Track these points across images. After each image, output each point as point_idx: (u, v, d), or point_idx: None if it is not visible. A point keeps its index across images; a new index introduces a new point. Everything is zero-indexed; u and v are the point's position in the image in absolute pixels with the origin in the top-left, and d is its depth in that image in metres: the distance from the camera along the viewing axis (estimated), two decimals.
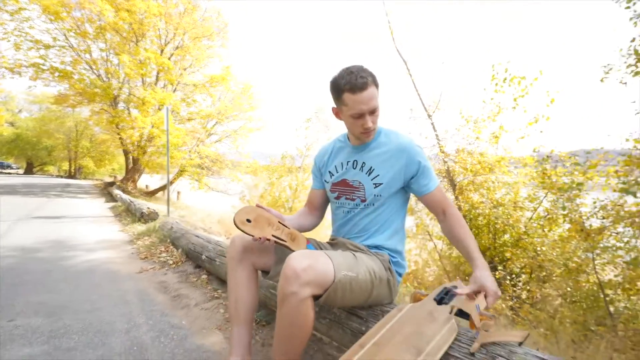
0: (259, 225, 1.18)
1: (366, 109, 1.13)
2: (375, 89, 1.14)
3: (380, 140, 1.26)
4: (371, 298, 1.13)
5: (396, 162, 1.20)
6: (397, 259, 1.23)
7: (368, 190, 1.23)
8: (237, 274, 1.23)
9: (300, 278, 0.91)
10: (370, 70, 1.15)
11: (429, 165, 1.20)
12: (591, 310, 3.80)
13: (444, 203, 1.20)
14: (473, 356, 0.87)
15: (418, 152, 1.20)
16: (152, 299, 2.03)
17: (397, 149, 1.21)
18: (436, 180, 1.20)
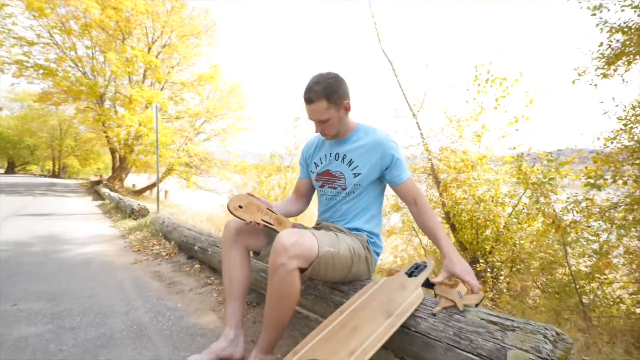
0: (250, 211, 1.33)
1: (314, 119, 1.33)
2: (323, 102, 1.27)
3: (360, 136, 1.41)
4: (351, 273, 1.28)
5: (373, 155, 1.35)
6: (374, 239, 1.39)
7: (348, 179, 1.39)
8: (231, 254, 1.36)
9: (289, 251, 1.05)
10: (328, 81, 1.28)
11: (401, 159, 1.34)
12: (565, 299, 4.05)
13: (415, 193, 1.33)
14: (434, 316, 1.03)
15: (392, 147, 1.35)
16: (147, 286, 2.14)
17: (374, 144, 1.36)
18: (408, 173, 1.34)
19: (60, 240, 3.47)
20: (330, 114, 1.31)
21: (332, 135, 1.40)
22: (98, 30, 11.29)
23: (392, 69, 7.76)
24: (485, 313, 0.95)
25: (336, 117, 1.33)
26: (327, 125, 1.33)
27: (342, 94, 1.31)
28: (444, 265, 1.15)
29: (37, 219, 4.87)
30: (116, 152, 14.26)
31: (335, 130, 1.37)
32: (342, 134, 1.42)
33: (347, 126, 1.41)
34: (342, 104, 1.32)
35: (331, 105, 1.29)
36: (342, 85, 1.32)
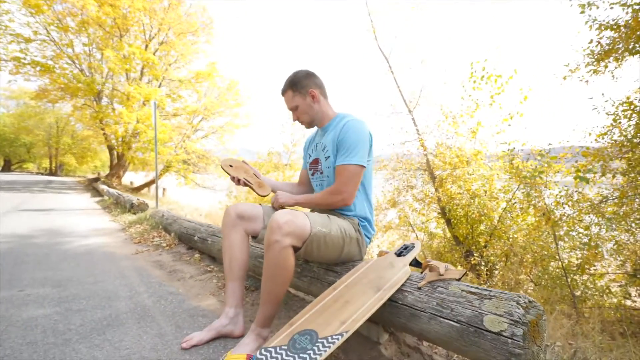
0: (237, 171, 1.59)
1: (288, 109, 1.55)
2: (289, 92, 1.51)
3: (335, 123, 1.52)
4: (343, 254, 1.36)
5: (333, 138, 1.46)
6: (364, 223, 1.47)
7: (323, 163, 1.51)
8: (231, 237, 1.44)
9: (282, 229, 1.13)
10: (295, 75, 1.51)
11: (354, 143, 1.35)
12: (557, 292, 4.15)
13: (337, 182, 1.38)
14: (420, 290, 1.11)
15: (349, 128, 1.40)
16: (149, 274, 2.22)
17: (338, 127, 1.46)
18: (353, 159, 1.34)
19: (62, 233, 3.53)
20: (297, 102, 1.50)
21: (308, 123, 1.56)
22: (95, 27, 11.28)
23: (389, 65, 7.85)
24: (465, 285, 1.03)
25: (303, 104, 1.50)
26: (298, 112, 1.52)
27: (307, 84, 1.50)
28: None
29: (38, 213, 4.93)
30: (114, 149, 14.28)
31: (307, 117, 1.54)
32: (319, 122, 1.57)
33: (323, 114, 1.55)
34: (307, 92, 1.49)
35: (295, 93, 1.50)
36: (308, 77, 1.51)
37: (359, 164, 1.35)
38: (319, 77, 1.54)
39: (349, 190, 1.35)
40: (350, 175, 1.34)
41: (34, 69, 11.10)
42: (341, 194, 1.35)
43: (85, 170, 33.32)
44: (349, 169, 1.35)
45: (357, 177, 1.35)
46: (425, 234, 7.64)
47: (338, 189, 1.36)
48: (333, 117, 1.55)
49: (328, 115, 1.55)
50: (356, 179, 1.35)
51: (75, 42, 12.08)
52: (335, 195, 1.36)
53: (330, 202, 1.39)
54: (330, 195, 1.38)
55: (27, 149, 30.25)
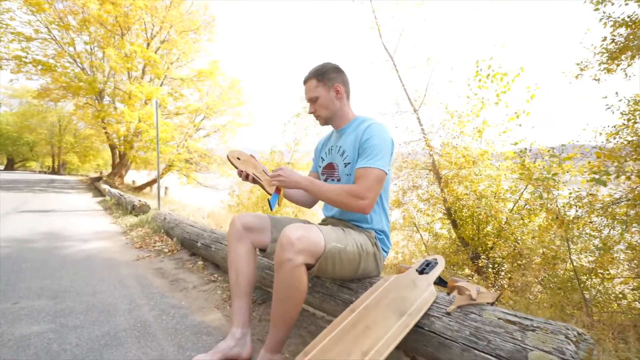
0: (246, 165, 1.44)
1: (307, 99, 1.43)
2: (313, 81, 1.39)
3: (355, 125, 1.40)
4: (359, 270, 1.25)
5: (355, 141, 1.33)
6: (382, 236, 1.36)
7: (341, 169, 1.39)
8: (237, 251, 1.34)
9: (295, 246, 1.03)
10: (323, 65, 1.40)
11: (376, 146, 1.24)
12: (567, 295, 4.03)
13: (361, 185, 1.20)
14: (449, 315, 1.00)
15: (371, 132, 1.28)
16: (150, 283, 2.12)
17: (360, 130, 1.34)
18: (375, 163, 1.21)
19: (62, 237, 3.44)
20: (319, 93, 1.39)
21: (324, 119, 1.44)
22: (96, 25, 11.19)
23: (393, 63, 7.72)
24: (502, 312, 0.92)
25: (325, 97, 1.39)
26: (317, 105, 1.40)
27: (334, 77, 1.39)
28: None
29: (38, 215, 4.84)
30: (116, 148, 14.21)
31: (326, 112, 1.41)
32: (337, 122, 1.45)
33: (343, 113, 1.43)
34: (332, 85, 1.39)
35: (320, 84, 1.38)
36: (337, 71, 1.41)
37: (384, 170, 1.22)
38: (347, 75, 1.44)
39: (371, 196, 1.18)
40: (375, 180, 1.20)
41: (36, 68, 11.03)
42: (363, 199, 1.18)
43: (87, 169, 33.34)
44: (374, 173, 1.20)
45: (380, 184, 1.22)
46: (430, 235, 7.54)
47: (360, 192, 1.18)
48: (352, 119, 1.44)
49: (347, 116, 1.44)
50: (379, 186, 1.22)
51: (76, 40, 12.00)
52: (356, 198, 1.18)
53: (347, 203, 1.20)
54: (350, 196, 1.19)
55: (30, 148, 30.27)
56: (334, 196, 1.23)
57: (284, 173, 1.28)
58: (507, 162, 6.05)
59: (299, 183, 1.27)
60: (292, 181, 1.27)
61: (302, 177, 1.29)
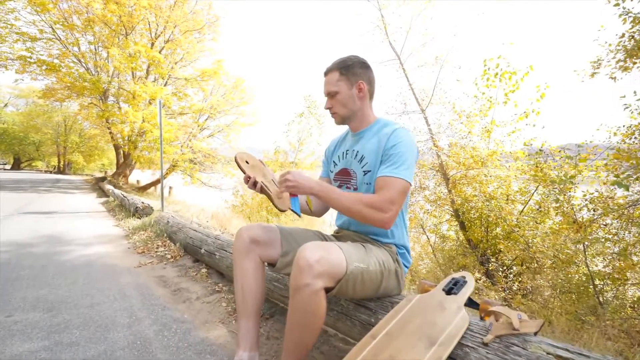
0: (254, 171, 1.28)
1: (325, 93, 1.28)
2: (335, 74, 1.25)
3: (376, 129, 1.27)
4: (381, 289, 1.13)
5: (379, 147, 1.20)
6: (403, 251, 1.24)
7: (359, 178, 1.26)
8: (244, 266, 1.22)
9: (314, 269, 0.91)
10: (349, 58, 1.26)
11: (402, 154, 1.12)
12: (581, 300, 3.89)
13: (384, 196, 1.07)
14: (486, 346, 0.88)
15: (397, 138, 1.15)
16: (152, 293, 2.01)
17: (383, 135, 1.21)
18: (402, 173, 1.09)
19: (63, 241, 3.36)
20: (340, 87, 1.25)
21: (341, 117, 1.29)
22: (101, 25, 11.15)
23: (400, 62, 7.57)
24: (550, 345, 0.80)
25: (346, 93, 1.25)
26: (335, 100, 1.27)
27: (359, 73, 1.26)
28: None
29: (41, 217, 4.77)
30: (120, 148, 14.19)
31: (344, 110, 1.27)
32: (355, 123, 1.31)
33: (363, 114, 1.30)
34: (355, 82, 1.25)
35: (342, 78, 1.25)
36: (363, 67, 1.27)
37: (409, 181, 1.09)
38: (373, 73, 1.30)
39: (394, 210, 1.05)
40: (399, 191, 1.07)
41: (40, 68, 11.01)
42: (384, 212, 1.05)
43: (93, 169, 33.48)
44: (399, 183, 1.07)
45: (404, 196, 1.09)
46: (437, 236, 7.39)
47: (382, 204, 1.05)
48: (373, 122, 1.31)
49: (368, 118, 1.31)
50: (403, 198, 1.09)
51: (81, 40, 11.98)
52: (376, 211, 1.05)
53: (365, 214, 1.06)
54: (370, 208, 1.06)
55: (36, 147, 30.45)
56: (350, 205, 1.09)
57: (293, 177, 1.11)
58: (516, 163, 5.91)
59: (312, 189, 1.11)
60: (304, 187, 1.11)
61: (313, 181, 1.14)
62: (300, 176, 1.12)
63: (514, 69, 5.97)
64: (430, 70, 7.43)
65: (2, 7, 9.88)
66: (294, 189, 1.13)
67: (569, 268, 4.23)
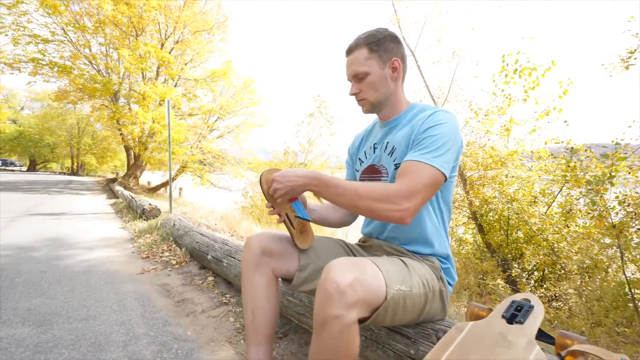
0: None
1: (348, 74, 1.05)
2: (363, 50, 1.01)
3: (409, 117, 1.05)
4: (423, 314, 0.91)
5: (410, 133, 0.98)
6: (447, 265, 1.01)
7: (391, 174, 1.03)
8: (254, 282, 1.02)
9: (346, 297, 0.69)
10: (377, 31, 1.03)
11: (437, 139, 0.88)
12: (616, 309, 3.60)
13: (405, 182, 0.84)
14: None
15: (436, 120, 0.92)
16: (153, 305, 1.83)
17: (419, 120, 0.98)
18: (433, 160, 0.85)
19: (65, 244, 3.22)
20: (370, 67, 1.01)
21: (371, 104, 1.06)
22: (111, 26, 11.17)
23: (415, 59, 7.33)
24: None
25: (378, 73, 1.01)
26: (364, 84, 1.02)
27: (392, 49, 1.02)
28: None
29: (48, 219, 4.67)
30: (131, 149, 14.24)
31: (375, 95, 1.04)
32: (387, 111, 1.08)
33: (396, 100, 1.07)
34: (388, 59, 1.02)
35: (373, 55, 1.01)
36: (395, 42, 1.04)
37: (442, 171, 0.86)
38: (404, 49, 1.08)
39: (414, 202, 0.82)
40: (425, 180, 0.83)
41: (52, 70, 11.08)
42: (399, 203, 0.81)
43: (105, 170, 33.93)
44: (426, 170, 0.84)
45: (431, 189, 0.85)
46: (454, 240, 7.10)
47: (399, 193, 0.82)
48: (406, 108, 1.08)
49: (401, 103, 1.08)
50: (429, 191, 0.85)
51: (92, 42, 12.04)
52: (390, 203, 0.81)
53: (376, 207, 0.83)
54: (382, 197, 0.82)
55: (51, 149, 31.00)
56: (356, 196, 0.85)
57: (278, 178, 0.91)
58: (539, 163, 5.62)
59: (303, 184, 0.90)
60: (290, 185, 0.90)
61: (302, 172, 0.92)
62: (284, 175, 0.91)
63: (534, 64, 5.70)
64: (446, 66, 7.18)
65: (15, 10, 9.96)
66: (281, 193, 0.92)
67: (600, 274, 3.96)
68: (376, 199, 0.83)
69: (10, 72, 11.01)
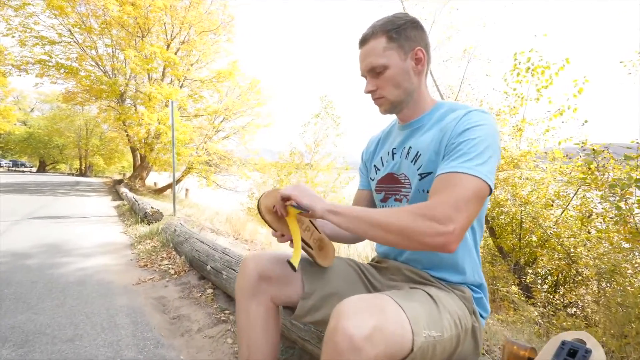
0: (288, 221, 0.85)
1: (362, 68, 0.89)
2: (381, 40, 0.84)
3: (436, 117, 0.88)
4: (453, 358, 0.76)
5: (440, 138, 0.81)
6: (480, 294, 0.85)
7: (414, 184, 0.86)
8: (250, 313, 0.87)
9: (363, 353, 0.54)
10: (396, 17, 0.86)
11: (477, 144, 0.72)
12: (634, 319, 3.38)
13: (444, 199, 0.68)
14: None
15: (472, 122, 0.76)
16: (147, 322, 1.69)
17: (450, 120, 0.81)
18: (478, 169, 0.69)
19: (62, 251, 3.11)
20: (390, 59, 0.84)
21: (391, 103, 0.89)
22: (117, 27, 11.16)
23: None
24: None
25: (399, 66, 0.84)
26: (382, 79, 0.86)
27: (414, 37, 0.85)
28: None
29: (49, 222, 4.59)
30: (137, 150, 14.24)
31: (395, 92, 0.87)
32: (410, 109, 0.92)
33: (420, 97, 0.90)
34: (410, 49, 0.85)
35: (392, 45, 0.84)
36: (417, 28, 0.87)
37: (487, 182, 0.69)
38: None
39: (460, 220, 0.65)
40: (470, 193, 0.67)
41: (59, 72, 11.11)
42: (444, 223, 0.64)
43: (113, 171, 34.22)
44: (469, 182, 0.68)
45: (477, 202, 0.68)
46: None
47: (440, 211, 0.65)
48: (432, 107, 0.91)
49: (424, 101, 0.91)
50: (476, 206, 0.68)
51: (98, 43, 12.05)
52: (431, 221, 0.65)
53: (413, 231, 0.66)
54: (420, 217, 0.66)
55: (60, 150, 31.35)
56: (388, 220, 0.68)
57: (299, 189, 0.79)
58: (554, 164, 5.42)
59: (322, 206, 0.76)
60: (311, 199, 0.77)
61: (318, 199, 0.77)
62: (304, 189, 0.79)
63: (547, 62, 5.49)
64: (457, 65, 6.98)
65: (22, 12, 9.99)
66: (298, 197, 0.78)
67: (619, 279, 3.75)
68: (410, 221, 0.66)
69: (18, 73, 11.08)
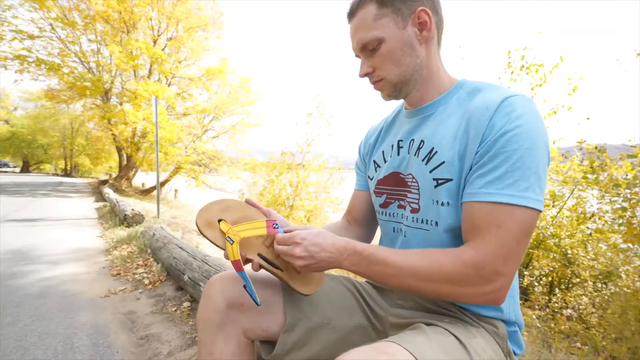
0: (244, 240, 0.66)
1: (353, 47, 0.70)
2: (370, 9, 0.65)
3: (454, 100, 0.67)
4: None
5: (465, 131, 0.61)
6: (515, 329, 0.65)
7: (426, 190, 0.65)
8: (215, 350, 0.66)
9: None
10: None
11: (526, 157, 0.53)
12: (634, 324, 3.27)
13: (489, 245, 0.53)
14: None
15: (514, 119, 0.55)
16: (109, 344, 1.47)
17: (479, 107, 0.60)
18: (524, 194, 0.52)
19: (29, 257, 2.84)
20: (384, 29, 0.64)
21: (393, 86, 0.69)
22: (102, 22, 10.77)
23: None
24: None
25: (396, 37, 0.65)
26: (378, 57, 0.66)
27: None
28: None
29: (22, 226, 4.29)
30: (122, 150, 13.85)
31: (396, 70, 0.67)
32: (421, 90, 0.71)
33: (430, 72, 0.69)
34: (410, 12, 0.65)
35: (385, 10, 0.64)
36: None
37: (538, 209, 0.53)
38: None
39: (511, 269, 0.52)
40: (518, 232, 0.52)
41: (39, 67, 10.67)
42: (494, 275, 0.52)
43: (99, 171, 33.46)
44: (518, 215, 0.53)
45: (526, 238, 0.53)
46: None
47: (489, 263, 0.52)
48: (451, 87, 0.70)
49: (440, 78, 0.70)
50: (525, 243, 0.53)
51: (82, 39, 11.64)
52: (478, 278, 0.52)
53: (456, 292, 0.55)
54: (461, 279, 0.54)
55: (44, 150, 30.49)
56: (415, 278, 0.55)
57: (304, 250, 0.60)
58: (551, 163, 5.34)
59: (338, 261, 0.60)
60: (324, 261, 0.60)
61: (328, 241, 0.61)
62: (315, 243, 0.60)
63: (541, 60, 5.42)
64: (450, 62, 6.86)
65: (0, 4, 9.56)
66: (308, 268, 0.61)
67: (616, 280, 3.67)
68: (450, 282, 0.54)
69: None
